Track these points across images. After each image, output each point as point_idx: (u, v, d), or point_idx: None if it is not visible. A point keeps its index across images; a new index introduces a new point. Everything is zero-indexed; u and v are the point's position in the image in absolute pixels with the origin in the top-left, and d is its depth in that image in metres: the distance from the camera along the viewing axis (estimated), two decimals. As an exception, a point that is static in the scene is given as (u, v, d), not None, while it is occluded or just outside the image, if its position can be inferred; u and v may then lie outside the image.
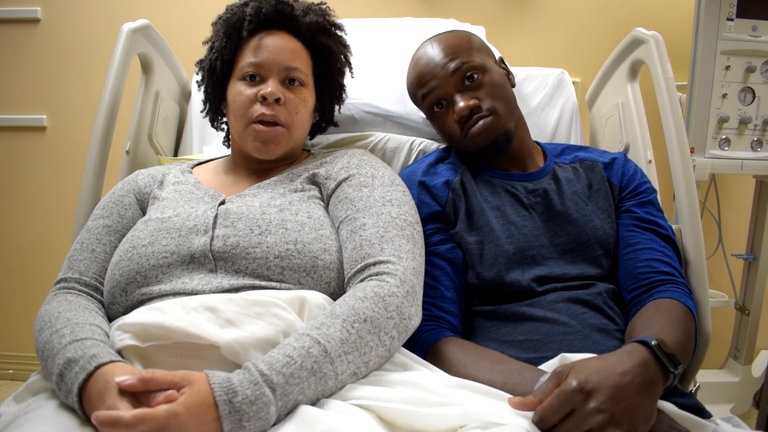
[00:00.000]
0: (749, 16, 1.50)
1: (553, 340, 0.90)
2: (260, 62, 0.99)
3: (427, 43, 1.09)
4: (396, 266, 0.82)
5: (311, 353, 0.69)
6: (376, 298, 0.77)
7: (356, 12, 1.81)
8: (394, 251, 0.85)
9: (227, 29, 1.03)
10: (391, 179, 0.98)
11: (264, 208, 0.90)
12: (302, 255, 0.84)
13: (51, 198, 2.05)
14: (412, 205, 0.96)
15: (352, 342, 0.72)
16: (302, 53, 1.03)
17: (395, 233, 0.87)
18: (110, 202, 1.00)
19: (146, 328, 0.74)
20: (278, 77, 0.99)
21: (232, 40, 1.03)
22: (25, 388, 0.79)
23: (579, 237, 1.01)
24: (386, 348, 0.77)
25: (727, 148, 1.53)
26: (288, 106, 0.99)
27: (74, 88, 1.99)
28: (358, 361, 0.73)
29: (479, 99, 1.02)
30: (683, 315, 0.89)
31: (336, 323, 0.73)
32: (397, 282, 0.80)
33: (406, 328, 0.80)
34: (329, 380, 0.70)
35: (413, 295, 0.82)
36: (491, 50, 1.13)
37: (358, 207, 0.91)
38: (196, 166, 1.11)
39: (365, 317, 0.75)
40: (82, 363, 0.70)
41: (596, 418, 0.65)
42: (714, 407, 0.97)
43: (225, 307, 0.75)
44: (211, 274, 0.84)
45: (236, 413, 0.62)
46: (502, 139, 1.03)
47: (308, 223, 0.89)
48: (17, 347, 2.13)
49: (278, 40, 1.01)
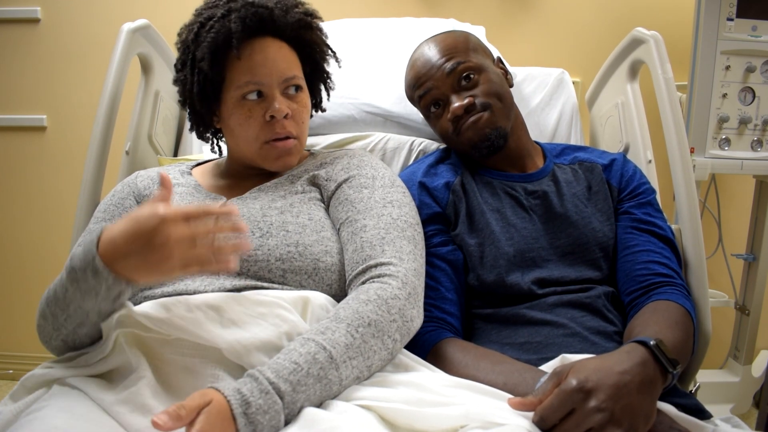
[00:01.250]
0: (749, 16, 1.50)
1: (553, 343, 0.90)
2: (259, 80, 0.94)
3: (424, 44, 1.09)
4: (398, 268, 0.82)
5: (317, 359, 0.69)
6: (380, 300, 0.77)
7: (356, 12, 1.80)
8: (395, 253, 0.84)
9: (214, 46, 0.94)
10: (392, 180, 0.98)
11: (265, 210, 0.90)
12: (304, 257, 0.84)
13: (51, 198, 2.05)
14: (412, 206, 0.96)
15: (357, 347, 0.72)
16: (292, 56, 1.00)
17: (396, 235, 0.87)
18: (111, 205, 0.99)
19: (150, 318, 0.73)
20: (279, 89, 0.96)
21: (220, 54, 0.95)
22: (20, 385, 0.78)
23: (578, 239, 1.01)
24: (389, 351, 0.77)
25: (727, 148, 1.53)
26: (295, 118, 0.98)
27: (74, 88, 1.99)
28: (361, 365, 0.73)
29: (474, 97, 1.02)
30: (681, 317, 0.89)
31: (341, 328, 0.73)
32: (399, 284, 0.80)
33: (409, 330, 0.80)
34: (333, 386, 0.70)
35: (415, 296, 0.82)
36: (489, 50, 1.13)
37: (358, 209, 0.91)
38: (194, 167, 1.10)
39: (369, 321, 0.75)
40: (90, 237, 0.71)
41: (596, 417, 0.65)
42: (714, 407, 0.97)
43: (228, 306, 0.75)
44: (213, 275, 0.84)
45: (252, 424, 0.62)
46: (494, 135, 1.03)
47: (309, 225, 0.89)
48: (17, 347, 2.13)
49: (269, 50, 0.96)
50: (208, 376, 0.71)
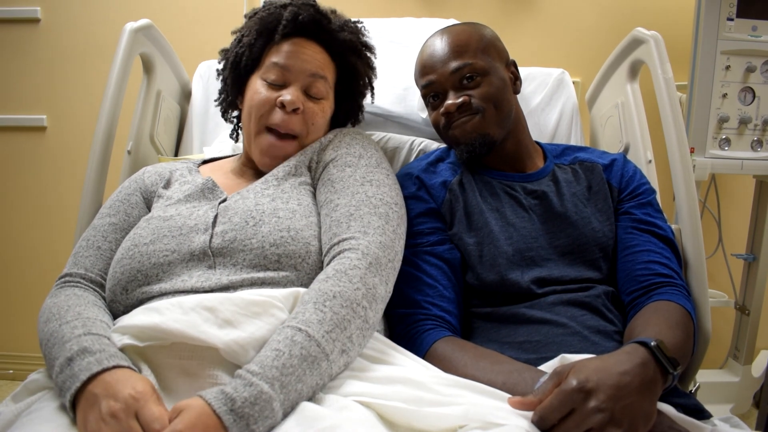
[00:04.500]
0: (749, 16, 1.50)
1: (553, 342, 0.90)
2: (287, 65, 0.98)
3: (438, 34, 1.09)
4: (359, 241, 0.82)
5: (296, 341, 0.69)
6: (339, 274, 0.78)
7: (356, 12, 1.79)
8: (360, 228, 0.85)
9: (261, 27, 1.01)
10: (378, 161, 0.98)
11: (257, 198, 0.91)
12: (296, 241, 0.85)
13: (51, 198, 2.05)
14: (393, 188, 0.95)
15: (329, 320, 0.73)
16: (330, 66, 1.03)
17: (366, 211, 0.87)
18: (117, 201, 1.00)
19: (144, 330, 0.73)
20: (301, 84, 0.98)
21: (263, 38, 1.01)
22: (23, 387, 0.78)
23: (578, 239, 1.01)
24: (363, 319, 0.77)
25: (727, 148, 1.53)
26: (306, 115, 0.98)
27: (74, 88, 1.99)
28: (341, 337, 0.73)
29: (470, 97, 1.02)
30: (681, 317, 0.89)
31: (308, 308, 0.74)
32: (358, 255, 0.80)
33: (375, 297, 0.79)
34: (321, 362, 0.70)
35: (377, 266, 0.81)
36: (504, 51, 1.11)
37: (336, 188, 0.92)
38: (202, 164, 1.11)
39: (333, 293, 0.75)
40: (99, 357, 0.70)
41: (596, 418, 0.65)
42: (714, 407, 0.97)
43: (223, 307, 0.75)
44: (210, 270, 0.84)
45: (241, 419, 0.62)
46: (479, 142, 1.02)
47: (299, 210, 0.89)
48: (17, 347, 2.13)
49: (309, 48, 1.01)
50: (207, 378, 0.71)
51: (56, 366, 0.72)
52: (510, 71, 1.10)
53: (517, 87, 1.10)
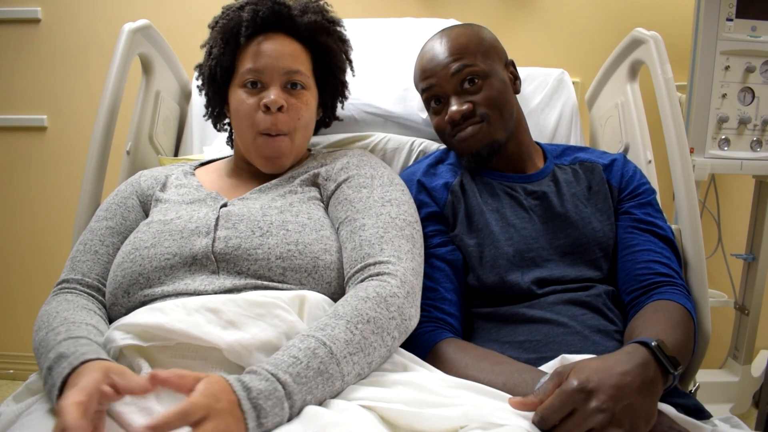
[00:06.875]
0: (749, 16, 1.50)
1: (553, 341, 0.90)
2: (260, 68, 0.97)
3: (437, 36, 1.09)
4: (396, 267, 0.83)
5: (317, 354, 0.68)
6: (378, 298, 0.77)
7: (356, 12, 1.81)
8: (393, 252, 0.85)
9: (224, 34, 1.00)
10: (390, 179, 0.98)
11: (265, 209, 0.90)
12: (303, 255, 0.85)
13: (51, 198, 2.05)
14: (411, 204, 0.97)
15: (357, 343, 0.72)
16: (302, 55, 1.02)
17: (395, 234, 0.87)
18: (113, 204, 0.99)
19: (147, 329, 0.74)
20: (279, 82, 0.97)
21: (230, 45, 1.00)
22: (25, 388, 0.79)
23: (578, 239, 1.01)
24: (388, 348, 0.77)
25: (726, 148, 1.53)
26: (290, 112, 0.98)
27: (74, 89, 1.99)
28: (362, 362, 0.73)
29: (474, 103, 1.02)
30: (682, 317, 0.89)
31: (340, 324, 0.73)
32: (398, 282, 0.80)
33: (407, 328, 0.81)
34: (336, 381, 0.70)
35: (413, 295, 0.83)
36: (503, 51, 1.11)
37: (357, 208, 0.91)
38: (198, 167, 1.11)
39: (368, 318, 0.75)
40: (72, 359, 0.70)
41: (597, 418, 0.66)
42: (713, 407, 0.97)
43: (226, 308, 0.75)
44: (214, 275, 0.84)
45: (255, 409, 0.61)
46: (486, 151, 1.03)
47: (309, 224, 0.89)
48: (17, 347, 2.13)
49: (277, 44, 0.99)
50: None
51: (43, 375, 0.73)
52: (509, 71, 1.10)
53: (516, 87, 1.10)
